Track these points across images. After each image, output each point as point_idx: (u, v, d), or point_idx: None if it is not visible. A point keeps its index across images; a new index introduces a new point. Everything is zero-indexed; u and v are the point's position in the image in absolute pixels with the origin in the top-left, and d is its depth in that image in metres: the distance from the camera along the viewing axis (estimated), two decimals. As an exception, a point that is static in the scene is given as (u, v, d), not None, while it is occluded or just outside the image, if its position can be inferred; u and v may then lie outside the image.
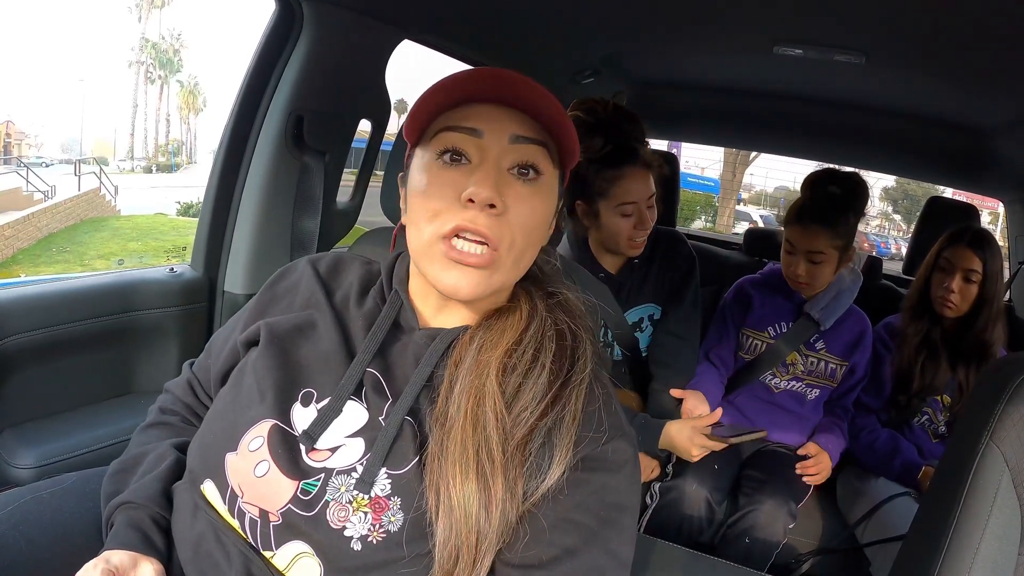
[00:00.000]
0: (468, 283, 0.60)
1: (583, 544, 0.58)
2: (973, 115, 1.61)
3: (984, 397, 0.72)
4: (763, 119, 2.13)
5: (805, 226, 1.45)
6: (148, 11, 26.32)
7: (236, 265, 1.34)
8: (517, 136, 0.61)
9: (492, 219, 0.59)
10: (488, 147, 0.61)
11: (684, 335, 1.50)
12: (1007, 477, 0.66)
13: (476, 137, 0.61)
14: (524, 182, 0.62)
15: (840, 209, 1.44)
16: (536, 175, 0.62)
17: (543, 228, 0.65)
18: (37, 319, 1.10)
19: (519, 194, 0.61)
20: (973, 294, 1.49)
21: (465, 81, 0.61)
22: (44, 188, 14.72)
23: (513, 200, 0.61)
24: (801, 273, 1.49)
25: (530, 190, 0.62)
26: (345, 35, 1.28)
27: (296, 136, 1.30)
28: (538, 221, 0.63)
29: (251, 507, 0.61)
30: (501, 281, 0.63)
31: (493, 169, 0.60)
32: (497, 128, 0.61)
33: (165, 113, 27.51)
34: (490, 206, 0.59)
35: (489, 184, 0.59)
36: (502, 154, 0.61)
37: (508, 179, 0.61)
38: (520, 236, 0.61)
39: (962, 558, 0.68)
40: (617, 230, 1.37)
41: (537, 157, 0.62)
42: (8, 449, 1.05)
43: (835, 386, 1.57)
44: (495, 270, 0.61)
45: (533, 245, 0.64)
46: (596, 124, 1.32)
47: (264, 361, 0.67)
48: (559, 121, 0.62)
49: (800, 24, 1.27)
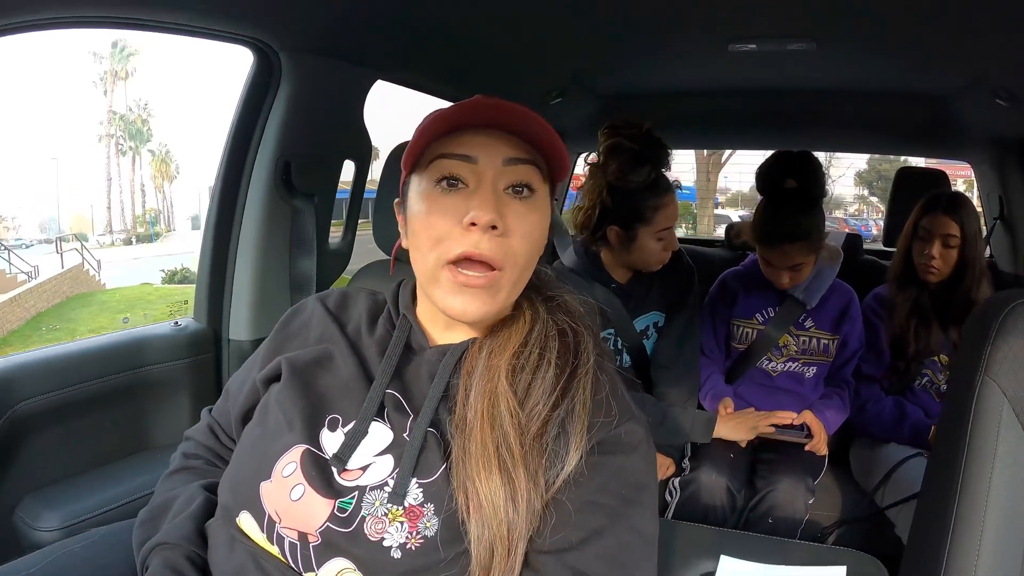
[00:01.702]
0: (475, 305, 0.63)
1: (609, 524, 0.60)
2: (929, 84, 1.66)
3: (973, 338, 0.75)
4: (730, 117, 2.19)
5: (779, 248, 1.48)
6: (113, 84, 26.54)
7: (239, 312, 1.37)
8: (510, 158, 0.65)
9: (495, 240, 0.62)
10: (483, 171, 0.64)
11: (686, 340, 1.55)
12: (1007, 406, 0.69)
13: (471, 163, 0.64)
14: (521, 200, 0.65)
15: (806, 208, 1.45)
16: (531, 192, 0.66)
17: (541, 242, 0.68)
18: (48, 383, 1.11)
19: (518, 212, 0.64)
20: (954, 258, 1.52)
21: (458, 110, 0.64)
22: (27, 269, 14.62)
23: (512, 219, 0.64)
24: (786, 283, 1.53)
25: (527, 207, 0.65)
26: (322, 80, 1.33)
27: (285, 181, 1.34)
28: (538, 236, 0.66)
29: (290, 531, 0.63)
30: (505, 299, 0.66)
31: (491, 191, 0.63)
32: (491, 152, 0.64)
33: (139, 183, 27.52)
34: (492, 228, 0.62)
35: (489, 207, 0.62)
36: (497, 176, 0.64)
37: (505, 199, 0.64)
38: (522, 253, 0.64)
39: (978, 493, 0.71)
40: (651, 252, 1.43)
41: (530, 176, 0.65)
42: (32, 514, 1.06)
43: (831, 360, 1.60)
44: (499, 290, 0.64)
45: (533, 260, 0.67)
46: (643, 153, 1.37)
47: (288, 393, 0.70)
48: (547, 139, 0.66)
49: (749, 20, 1.32)
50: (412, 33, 1.31)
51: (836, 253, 1.60)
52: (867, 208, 23.51)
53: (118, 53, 25.93)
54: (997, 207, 2.09)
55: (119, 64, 26.21)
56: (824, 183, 1.54)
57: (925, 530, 0.81)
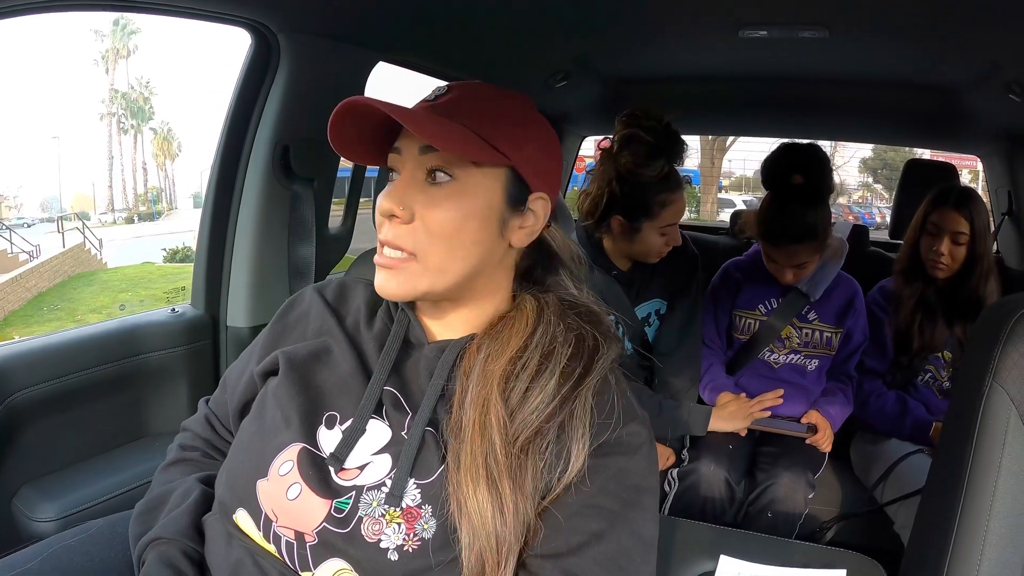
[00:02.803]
0: (392, 284, 0.64)
1: (609, 527, 0.59)
2: (941, 74, 1.63)
3: (983, 341, 0.74)
4: (738, 103, 2.15)
5: (785, 248, 1.46)
6: (115, 62, 26.33)
7: (237, 299, 1.35)
8: (424, 146, 0.64)
9: (399, 228, 0.63)
10: (405, 160, 0.65)
11: (688, 328, 1.54)
12: (1015, 414, 0.68)
13: (397, 154, 0.66)
14: (436, 186, 0.64)
15: (814, 206, 1.42)
16: (448, 177, 0.63)
17: (468, 229, 0.64)
18: (44, 371, 1.10)
19: (429, 198, 0.63)
20: (963, 254, 1.51)
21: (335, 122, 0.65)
22: (29, 248, 14.65)
23: (422, 206, 0.63)
24: (790, 279, 1.52)
25: (443, 193, 0.63)
26: (322, 62, 1.30)
27: (284, 165, 1.31)
28: (457, 224, 0.63)
29: (286, 530, 0.62)
30: (431, 283, 0.64)
31: (404, 180, 0.64)
32: (409, 142, 0.64)
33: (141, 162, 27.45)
34: (393, 216, 0.63)
35: (391, 195, 0.63)
36: (416, 165, 0.64)
37: (421, 187, 0.64)
38: (438, 239, 0.63)
39: (982, 498, 0.70)
40: (652, 245, 1.41)
41: (447, 160, 0.63)
42: (29, 504, 1.05)
43: (833, 353, 1.59)
44: (419, 274, 0.64)
45: (461, 246, 0.64)
46: (659, 147, 1.34)
47: (285, 389, 0.69)
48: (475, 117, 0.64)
49: (762, 6, 1.29)
50: (414, 13, 1.28)
51: (841, 246, 1.58)
52: (871, 195, 23.38)
53: (120, 31, 25.72)
54: (1006, 202, 2.06)
55: (121, 42, 25.99)
56: (832, 177, 1.52)
57: (927, 534, 0.80)
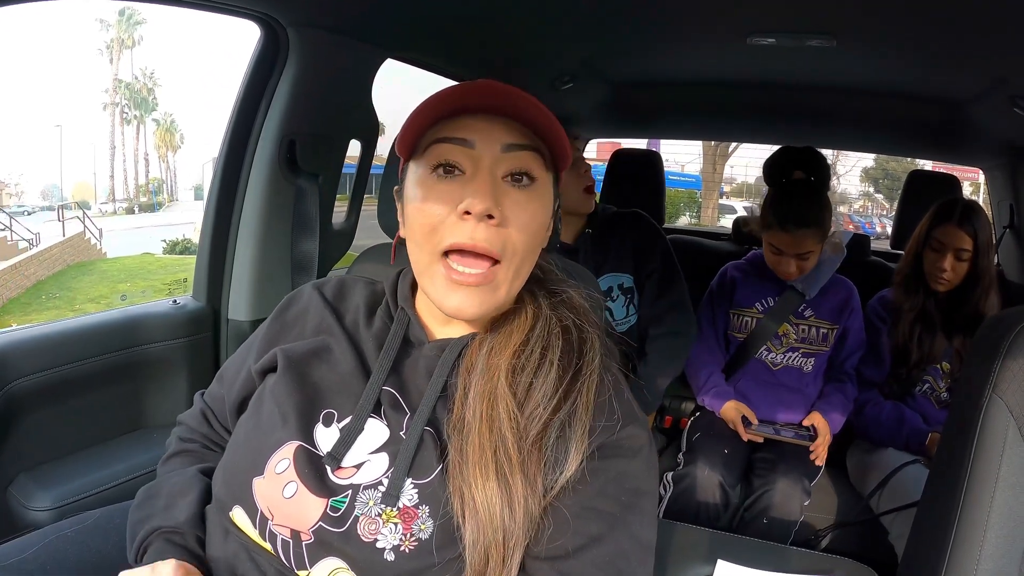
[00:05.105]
0: (471, 303, 0.61)
1: (607, 530, 0.59)
2: (946, 87, 1.64)
3: (983, 353, 0.74)
4: (742, 110, 2.15)
5: (792, 232, 1.49)
6: (119, 52, 26.27)
7: (239, 292, 1.35)
8: (509, 144, 0.62)
9: (491, 230, 0.60)
10: (481, 157, 0.61)
11: (668, 296, 1.55)
12: (1013, 425, 0.69)
13: (468, 148, 0.61)
14: (520, 189, 0.62)
15: (816, 196, 1.48)
16: (531, 181, 0.63)
17: (542, 233, 0.65)
18: (43, 360, 1.10)
19: (516, 201, 0.62)
20: (965, 269, 1.52)
21: (455, 94, 0.61)
22: (28, 236, 14.58)
23: (510, 208, 0.61)
24: (793, 272, 1.53)
25: (526, 196, 0.62)
26: (330, 58, 1.30)
27: (289, 160, 1.31)
28: (537, 227, 0.64)
29: (282, 528, 0.62)
30: (505, 295, 0.63)
31: (488, 179, 0.61)
32: (489, 137, 0.62)
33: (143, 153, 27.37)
34: (488, 217, 0.60)
35: (485, 194, 0.59)
36: (495, 163, 0.62)
37: (504, 187, 0.62)
38: (520, 244, 0.62)
39: (979, 511, 0.70)
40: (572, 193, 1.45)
41: (530, 163, 0.63)
42: (25, 492, 1.05)
43: (827, 350, 1.61)
44: (497, 285, 0.62)
45: (533, 251, 0.65)
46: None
47: (283, 386, 0.68)
48: (549, 126, 0.63)
49: (771, 14, 1.30)
50: (424, 12, 1.28)
51: (838, 246, 1.60)
52: (871, 205, 23.39)
53: (125, 21, 25.64)
54: (1008, 215, 2.07)
55: (126, 32, 25.91)
56: (829, 175, 1.57)
57: (923, 544, 0.80)
